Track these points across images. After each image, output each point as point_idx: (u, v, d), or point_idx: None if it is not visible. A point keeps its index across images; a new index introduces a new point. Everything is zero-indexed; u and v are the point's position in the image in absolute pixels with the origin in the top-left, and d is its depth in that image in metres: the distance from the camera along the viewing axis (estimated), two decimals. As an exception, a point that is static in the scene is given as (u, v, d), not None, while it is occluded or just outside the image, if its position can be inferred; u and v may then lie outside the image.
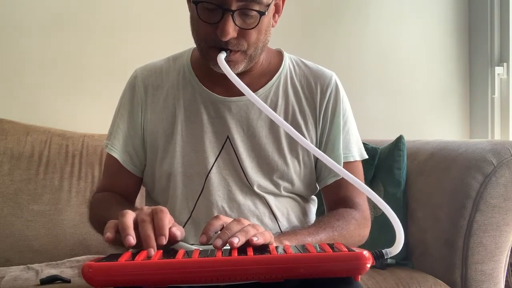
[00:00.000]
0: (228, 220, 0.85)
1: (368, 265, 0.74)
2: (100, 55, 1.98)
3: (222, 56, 0.99)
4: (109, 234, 0.82)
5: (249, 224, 0.83)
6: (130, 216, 0.83)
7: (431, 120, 2.45)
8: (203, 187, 1.10)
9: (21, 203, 1.69)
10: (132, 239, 0.80)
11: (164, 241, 0.81)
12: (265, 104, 0.93)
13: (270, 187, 1.11)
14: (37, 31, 1.91)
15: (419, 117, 2.43)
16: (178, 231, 0.84)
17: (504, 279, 1.51)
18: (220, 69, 0.99)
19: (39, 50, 1.92)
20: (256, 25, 1.00)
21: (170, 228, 0.83)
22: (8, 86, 1.89)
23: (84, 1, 1.97)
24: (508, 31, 2.36)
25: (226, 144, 1.11)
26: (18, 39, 1.90)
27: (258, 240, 0.80)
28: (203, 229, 0.84)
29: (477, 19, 2.45)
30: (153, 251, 0.79)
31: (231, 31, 0.98)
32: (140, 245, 0.81)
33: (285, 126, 0.92)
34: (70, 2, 1.95)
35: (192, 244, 1.09)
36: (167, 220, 0.83)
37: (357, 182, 0.87)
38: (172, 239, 0.84)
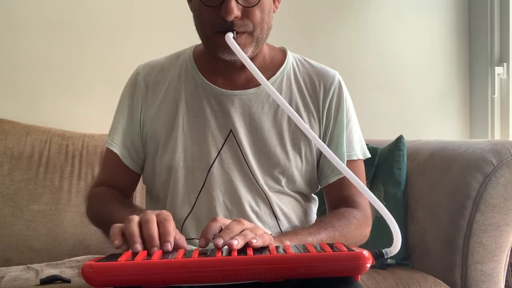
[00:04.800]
0: (226, 221, 0.85)
1: (368, 265, 0.74)
2: (100, 56, 1.98)
3: (230, 35, 1.00)
4: (117, 242, 0.81)
5: (248, 228, 0.83)
6: (136, 222, 0.83)
7: (431, 120, 2.45)
8: (204, 181, 1.10)
9: (21, 203, 1.69)
10: (139, 247, 0.79)
11: (170, 247, 0.80)
12: (276, 91, 0.95)
13: (271, 182, 1.11)
14: (37, 31, 1.91)
15: (419, 117, 2.43)
16: (185, 244, 0.84)
17: (504, 279, 1.51)
18: (229, 55, 1.01)
19: (39, 50, 1.92)
20: (258, 2, 1.02)
21: (177, 240, 0.82)
22: (8, 86, 1.89)
23: (85, 2, 1.97)
24: (508, 31, 2.36)
25: (229, 137, 1.10)
26: (18, 39, 1.89)
27: (257, 243, 0.80)
28: (202, 233, 0.84)
29: (477, 19, 2.45)
30: (156, 249, 0.78)
31: (235, 9, 1.00)
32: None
33: (295, 117, 0.92)
34: (71, 2, 1.95)
35: (192, 239, 1.09)
36: (172, 227, 0.83)
37: (356, 180, 0.87)
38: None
